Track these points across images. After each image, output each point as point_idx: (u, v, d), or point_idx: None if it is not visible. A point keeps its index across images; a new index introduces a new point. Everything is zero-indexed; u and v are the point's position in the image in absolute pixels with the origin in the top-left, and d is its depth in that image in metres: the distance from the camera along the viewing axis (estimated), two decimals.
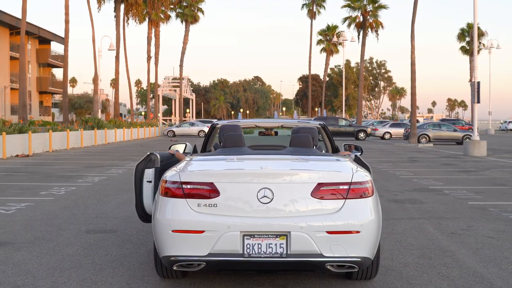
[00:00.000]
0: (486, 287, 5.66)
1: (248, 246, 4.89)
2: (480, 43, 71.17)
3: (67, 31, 42.44)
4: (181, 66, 72.08)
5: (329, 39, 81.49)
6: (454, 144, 38.81)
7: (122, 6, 58.61)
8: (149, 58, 66.67)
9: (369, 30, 61.70)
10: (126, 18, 61.01)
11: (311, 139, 6.54)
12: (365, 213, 5.02)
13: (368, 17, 61.20)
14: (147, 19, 65.37)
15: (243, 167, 5.34)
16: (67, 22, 42.32)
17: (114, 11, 57.33)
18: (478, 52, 69.41)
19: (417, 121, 43.92)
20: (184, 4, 70.20)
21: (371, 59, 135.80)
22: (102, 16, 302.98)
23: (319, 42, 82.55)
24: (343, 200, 5.00)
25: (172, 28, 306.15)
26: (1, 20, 52.33)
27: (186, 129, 56.40)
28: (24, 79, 36.58)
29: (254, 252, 4.89)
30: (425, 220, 9.28)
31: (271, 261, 4.90)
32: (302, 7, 78.72)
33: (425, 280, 5.88)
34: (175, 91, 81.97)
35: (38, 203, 10.98)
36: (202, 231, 4.89)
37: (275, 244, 4.90)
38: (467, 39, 71.02)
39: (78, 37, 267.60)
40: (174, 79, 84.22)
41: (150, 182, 6.29)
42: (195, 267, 5.04)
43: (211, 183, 5.00)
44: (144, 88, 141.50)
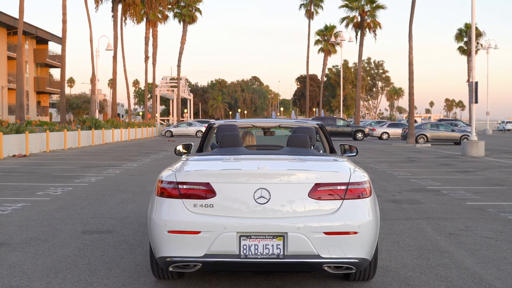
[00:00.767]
0: None
1: (244, 247, 4.85)
2: (478, 43, 71.23)
3: (64, 31, 42.37)
4: (178, 66, 72.02)
5: (327, 39, 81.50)
6: (452, 144, 38.81)
7: (120, 6, 58.52)
8: (146, 58, 66.59)
9: (367, 30, 61.73)
10: (123, 18, 60.97)
11: (309, 139, 6.47)
12: (363, 213, 4.98)
13: (366, 17, 61.20)
14: (144, 19, 65.30)
15: (240, 167, 5.30)
16: (64, 22, 42.24)
17: (112, 11, 57.16)
18: (476, 52, 69.38)
19: (415, 121, 43.94)
20: (182, 4, 70.14)
21: (369, 59, 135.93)
22: (100, 16, 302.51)
23: (317, 42, 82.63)
24: (341, 200, 4.97)
25: (170, 28, 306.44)
26: None
27: (184, 129, 56.34)
28: (21, 79, 36.50)
29: (250, 253, 4.85)
30: (423, 221, 9.24)
31: (268, 262, 4.86)
32: (300, 7, 78.78)
33: (423, 281, 5.84)
34: (173, 91, 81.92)
35: (35, 203, 10.92)
36: (198, 232, 4.84)
37: (272, 245, 4.86)
38: (465, 39, 71.11)
39: (75, 37, 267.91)
40: (172, 79, 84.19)
41: None
42: (191, 268, 5.00)
43: (208, 183, 4.96)
44: (142, 88, 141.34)
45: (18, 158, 23.25)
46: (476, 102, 28.06)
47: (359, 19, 61.61)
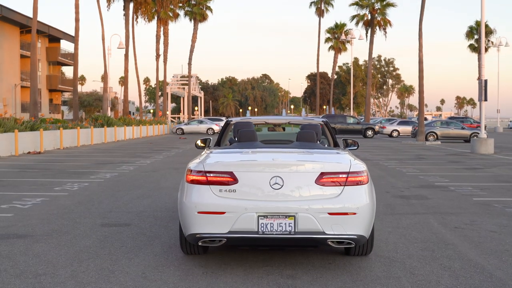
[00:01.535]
0: (485, 277, 5.91)
1: (262, 225, 5.70)
2: (488, 41, 71.06)
3: (77, 29, 42.80)
4: (189, 64, 72.36)
5: (337, 37, 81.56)
6: (462, 142, 38.91)
7: (131, 5, 58.97)
8: (158, 56, 66.98)
9: (377, 28, 61.77)
10: (135, 17, 61.41)
11: (315, 134, 7.36)
12: (361, 198, 5.82)
13: (376, 15, 61.26)
14: (156, 17, 65.62)
15: (257, 159, 6.17)
16: (77, 20, 42.67)
17: (123, 9, 57.62)
18: (486, 50, 69.35)
19: (425, 119, 44.02)
20: (193, 2, 70.43)
21: (379, 57, 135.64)
22: (112, 15, 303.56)
23: (327, 40, 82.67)
24: (342, 187, 5.81)
25: (180, 26, 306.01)
26: (11, 18, 52.79)
27: (195, 126, 56.67)
28: (35, 77, 36.95)
29: (267, 230, 5.69)
30: (429, 215, 9.52)
31: (282, 237, 5.69)
32: (310, 5, 78.78)
33: (427, 270, 6.14)
34: (184, 89, 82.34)
35: (53, 198, 11.30)
36: (223, 212, 5.70)
37: (285, 223, 5.70)
38: (476, 36, 70.89)
39: (87, 35, 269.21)
40: (183, 77, 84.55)
41: None
42: (217, 243, 5.82)
43: (231, 172, 5.81)
44: (153, 86, 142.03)
45: (33, 155, 23.69)
46: (485, 100, 28.18)
47: (369, 17, 61.68)
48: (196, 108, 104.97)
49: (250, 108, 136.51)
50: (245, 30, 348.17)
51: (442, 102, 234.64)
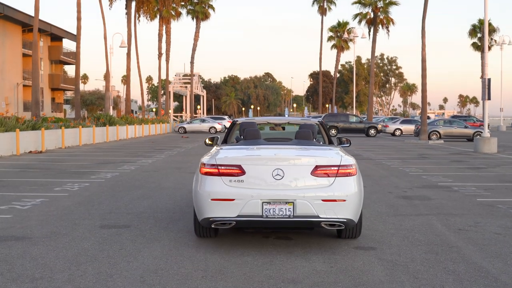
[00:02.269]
0: (490, 282, 5.80)
1: (266, 210, 6.61)
2: (491, 39, 70.85)
3: (79, 28, 42.73)
4: (192, 63, 72.26)
5: (339, 36, 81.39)
6: (465, 140, 38.77)
7: (133, 3, 58.91)
8: (160, 55, 66.92)
9: (379, 26, 61.66)
10: (137, 15, 61.38)
11: (311, 133, 8.32)
12: (350, 187, 6.75)
13: (379, 13, 61.14)
14: (158, 16, 65.59)
15: (261, 154, 7.13)
16: (79, 19, 42.61)
17: (126, 8, 57.57)
18: (489, 48, 69.11)
19: (428, 117, 43.86)
20: (195, 1, 70.26)
21: (382, 55, 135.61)
22: (114, 13, 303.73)
23: (330, 39, 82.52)
24: (334, 177, 6.75)
25: (183, 25, 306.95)
26: (13, 17, 52.70)
27: (197, 125, 56.55)
28: (37, 76, 36.88)
29: (270, 214, 6.61)
30: (433, 217, 9.40)
31: (282, 220, 6.62)
32: (313, 4, 78.64)
33: (431, 274, 6.02)
34: (186, 87, 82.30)
35: (53, 199, 11.20)
36: (233, 199, 6.62)
37: (285, 208, 6.62)
38: (479, 35, 70.69)
39: (89, 34, 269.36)
40: (185, 75, 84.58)
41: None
42: (227, 226, 6.75)
43: (239, 165, 6.74)
44: (155, 84, 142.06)
45: (34, 154, 23.61)
46: (489, 98, 28.04)
47: (372, 15, 61.56)
48: (198, 107, 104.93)
49: (252, 106, 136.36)
50: (247, 28, 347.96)
51: (445, 100, 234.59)
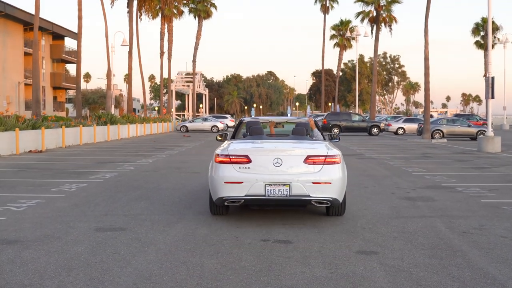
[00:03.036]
0: None
1: (268, 190, 8.29)
2: (494, 37, 70.50)
3: (80, 27, 42.55)
4: (194, 61, 72.05)
5: (342, 34, 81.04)
6: (468, 139, 38.50)
7: (135, 2, 58.65)
8: (162, 53, 66.72)
9: (382, 24, 61.30)
10: (139, 14, 61.09)
11: (305, 130, 10.16)
12: (335, 173, 8.46)
13: (382, 11, 60.80)
14: (160, 14, 65.38)
15: (264, 146, 8.92)
16: (80, 18, 42.42)
17: (127, 6, 57.35)
18: (492, 46, 68.78)
19: (431, 116, 43.57)
20: None
21: (385, 53, 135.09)
22: (115, 12, 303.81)
23: (333, 37, 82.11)
24: (322, 165, 8.45)
25: (185, 23, 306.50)
26: (14, 16, 52.54)
27: (199, 124, 56.33)
28: (37, 75, 36.68)
29: (271, 194, 8.29)
30: (437, 219, 9.17)
31: (281, 199, 8.31)
32: (315, 2, 78.29)
33: (435, 281, 5.80)
34: (188, 86, 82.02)
35: (49, 200, 11.00)
36: (242, 182, 8.31)
37: (283, 189, 8.30)
38: (482, 33, 70.35)
39: (91, 32, 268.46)
40: (187, 74, 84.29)
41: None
42: (237, 203, 8.50)
43: (246, 155, 8.46)
44: (157, 83, 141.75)
45: (34, 154, 23.42)
46: (492, 97, 27.77)
47: (374, 13, 61.22)
48: (201, 106, 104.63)
49: (255, 105, 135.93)
50: (249, 27, 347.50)
51: (448, 99, 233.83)
